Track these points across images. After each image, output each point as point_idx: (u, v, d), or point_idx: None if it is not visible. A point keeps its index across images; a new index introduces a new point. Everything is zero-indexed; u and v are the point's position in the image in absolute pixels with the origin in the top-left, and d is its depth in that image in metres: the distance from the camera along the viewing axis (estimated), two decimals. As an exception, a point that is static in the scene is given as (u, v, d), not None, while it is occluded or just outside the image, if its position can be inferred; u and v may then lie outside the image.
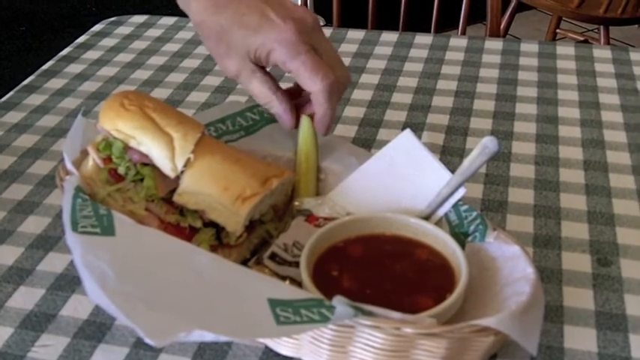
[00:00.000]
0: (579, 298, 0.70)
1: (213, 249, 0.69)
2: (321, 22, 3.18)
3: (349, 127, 0.99)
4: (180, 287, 0.60)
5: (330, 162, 0.78)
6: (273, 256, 0.68)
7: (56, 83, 1.13)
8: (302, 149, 0.78)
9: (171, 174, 0.69)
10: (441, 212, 0.71)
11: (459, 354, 0.59)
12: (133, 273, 0.59)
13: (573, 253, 0.76)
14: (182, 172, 0.69)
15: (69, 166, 0.70)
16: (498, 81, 1.09)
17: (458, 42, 1.21)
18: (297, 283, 0.65)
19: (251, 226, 0.71)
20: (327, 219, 0.72)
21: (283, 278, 0.66)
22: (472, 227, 0.69)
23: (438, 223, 0.70)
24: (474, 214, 0.69)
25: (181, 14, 0.81)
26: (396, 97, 1.06)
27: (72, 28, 1.46)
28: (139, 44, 1.24)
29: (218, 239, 0.71)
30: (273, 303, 0.57)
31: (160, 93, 1.09)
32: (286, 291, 0.61)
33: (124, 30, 1.30)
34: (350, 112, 1.02)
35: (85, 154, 0.72)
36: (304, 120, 0.77)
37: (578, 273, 0.73)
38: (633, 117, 0.99)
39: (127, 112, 0.70)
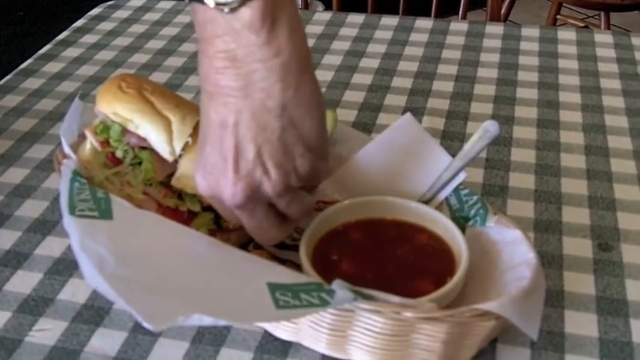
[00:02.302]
0: (580, 283, 0.70)
1: (212, 233, 0.69)
2: (321, 8, 3.14)
3: (349, 111, 0.98)
4: (178, 271, 0.59)
5: (329, 146, 0.78)
6: (273, 240, 0.68)
7: (54, 67, 1.12)
8: None
9: (170, 158, 0.68)
10: (441, 196, 0.70)
11: (459, 338, 0.59)
12: (131, 257, 0.59)
13: (574, 238, 0.75)
14: (180, 155, 0.68)
15: (66, 149, 0.69)
16: (499, 65, 1.09)
17: (458, 26, 1.20)
18: (297, 266, 0.65)
19: (250, 210, 0.70)
20: (327, 203, 0.71)
21: (283, 261, 0.65)
22: (473, 211, 0.68)
23: (438, 208, 0.70)
24: (475, 198, 0.69)
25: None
26: (397, 82, 1.05)
27: (70, 13, 1.45)
28: (137, 28, 1.24)
29: (217, 223, 0.70)
30: (273, 287, 0.57)
31: (159, 77, 1.08)
32: (286, 275, 0.60)
33: (122, 14, 1.29)
34: (350, 96, 1.02)
35: (82, 137, 0.71)
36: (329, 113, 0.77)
37: (579, 258, 0.73)
38: (634, 102, 0.99)
39: (124, 95, 0.69)
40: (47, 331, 0.66)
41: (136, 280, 0.56)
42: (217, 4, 0.54)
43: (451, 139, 0.92)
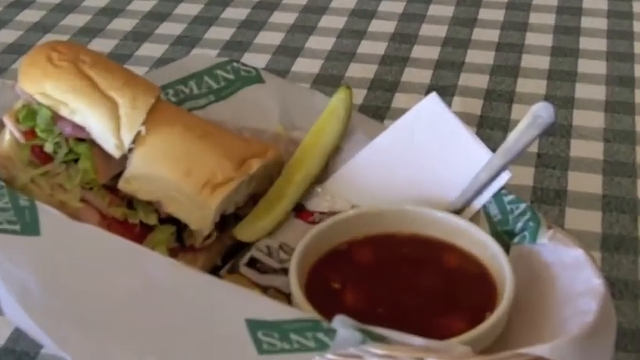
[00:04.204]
0: (662, 319, 0.71)
1: (173, 253, 0.69)
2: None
3: (355, 90, 0.97)
4: (127, 304, 0.59)
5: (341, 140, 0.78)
6: (253, 263, 0.68)
7: (-39, 32, 1.13)
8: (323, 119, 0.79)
9: (116, 152, 0.69)
10: (478, 204, 0.71)
11: (501, 393, 0.59)
12: (63, 285, 0.59)
13: (655, 260, 0.76)
14: (130, 150, 0.69)
15: (-22, 141, 0.70)
16: (555, 29, 1.09)
17: (501, -23, 1.21)
18: (285, 295, 0.65)
19: (223, 222, 0.71)
20: (324, 213, 0.72)
21: (265, 290, 0.65)
22: (520, 224, 0.68)
23: (473, 219, 0.70)
24: (523, 206, 0.69)
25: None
26: (418, 52, 1.06)
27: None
28: (73, -20, 1.24)
29: (179, 240, 0.71)
30: (253, 325, 0.57)
31: (101, 45, 1.08)
32: (270, 308, 0.60)
33: (53, -39, 1.29)
34: (356, 70, 1.02)
35: (0, 125, 0.71)
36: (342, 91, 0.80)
37: (661, 286, 0.74)
38: None
39: (56, 69, 0.70)
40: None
41: (70, 314, 0.56)
42: None
43: (491, 127, 0.92)
